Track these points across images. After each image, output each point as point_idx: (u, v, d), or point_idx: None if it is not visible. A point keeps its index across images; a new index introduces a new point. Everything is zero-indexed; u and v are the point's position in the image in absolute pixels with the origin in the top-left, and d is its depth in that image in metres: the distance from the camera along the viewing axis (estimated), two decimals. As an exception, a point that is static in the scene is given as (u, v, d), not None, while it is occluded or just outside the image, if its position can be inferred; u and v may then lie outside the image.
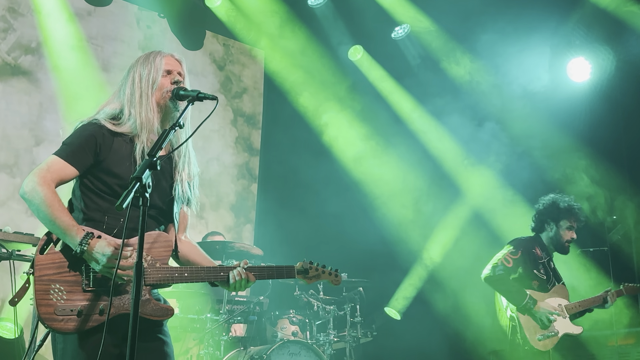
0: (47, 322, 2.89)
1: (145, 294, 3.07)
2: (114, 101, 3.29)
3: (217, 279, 3.25)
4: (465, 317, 7.50)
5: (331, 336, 6.70)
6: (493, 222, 7.92)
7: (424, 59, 8.74)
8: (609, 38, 7.37)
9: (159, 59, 3.31)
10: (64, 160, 3.06)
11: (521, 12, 7.53)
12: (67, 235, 2.94)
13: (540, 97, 7.87)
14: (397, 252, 8.33)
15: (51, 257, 2.97)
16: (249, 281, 3.27)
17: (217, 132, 9.32)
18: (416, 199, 8.53)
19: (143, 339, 2.98)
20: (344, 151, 9.10)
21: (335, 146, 9.14)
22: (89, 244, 2.93)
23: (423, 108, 8.79)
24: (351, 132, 9.10)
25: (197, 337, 6.47)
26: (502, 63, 7.90)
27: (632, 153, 7.38)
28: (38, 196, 2.96)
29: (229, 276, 3.24)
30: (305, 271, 3.49)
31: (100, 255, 2.93)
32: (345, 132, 9.13)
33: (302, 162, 8.94)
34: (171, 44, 8.72)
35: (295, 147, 9.12)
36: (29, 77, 7.76)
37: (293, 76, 9.41)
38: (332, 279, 3.61)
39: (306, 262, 3.51)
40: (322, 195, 8.55)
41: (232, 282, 3.23)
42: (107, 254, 2.92)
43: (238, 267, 3.28)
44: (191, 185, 3.36)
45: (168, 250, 3.18)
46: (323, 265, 3.58)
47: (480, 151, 8.27)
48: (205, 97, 3.09)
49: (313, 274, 3.51)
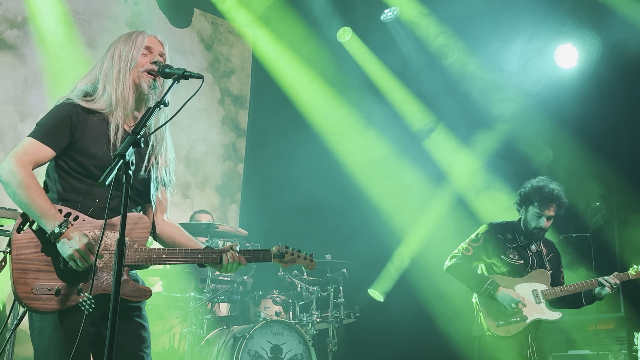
0: (25, 300, 2.87)
1: (124, 274, 3.06)
2: (87, 76, 3.25)
3: (194, 261, 3.25)
4: (448, 299, 7.54)
5: (314, 317, 6.74)
6: (476, 207, 7.96)
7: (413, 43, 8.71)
8: (595, 23, 7.38)
9: (141, 37, 3.26)
10: (39, 142, 3.03)
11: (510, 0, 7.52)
12: (44, 219, 2.91)
13: (527, 84, 7.88)
14: (381, 234, 8.36)
15: (29, 236, 2.95)
16: (239, 264, 3.30)
17: (203, 112, 9.29)
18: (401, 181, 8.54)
19: (121, 320, 2.99)
20: (330, 133, 9.09)
21: (322, 128, 9.13)
22: (63, 233, 2.90)
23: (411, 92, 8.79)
24: (338, 113, 9.09)
25: (180, 315, 6.48)
26: (489, 49, 7.90)
27: (617, 139, 7.40)
28: (15, 179, 2.93)
29: (222, 258, 3.26)
30: (281, 255, 3.53)
31: (67, 247, 2.89)
32: (332, 113, 9.12)
33: (289, 143, 8.94)
34: (159, 21, 8.66)
35: (282, 129, 9.11)
36: (15, 51, 7.69)
37: (281, 57, 9.37)
38: (307, 263, 3.67)
39: (282, 246, 3.56)
40: (308, 176, 8.55)
41: (224, 264, 3.25)
42: (75, 247, 2.88)
43: (228, 250, 3.30)
44: (167, 170, 3.34)
45: (146, 232, 3.17)
46: (298, 250, 3.64)
47: (466, 136, 8.29)
48: (190, 75, 3.05)
49: (289, 258, 3.56)
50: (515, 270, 5.55)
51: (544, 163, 7.44)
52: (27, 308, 2.90)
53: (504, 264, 5.55)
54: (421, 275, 8.02)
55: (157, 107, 2.91)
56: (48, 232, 2.91)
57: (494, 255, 5.58)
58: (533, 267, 5.59)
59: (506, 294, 5.34)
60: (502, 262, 5.56)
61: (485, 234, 5.62)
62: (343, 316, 6.96)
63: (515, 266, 5.55)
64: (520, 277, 5.53)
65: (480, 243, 5.57)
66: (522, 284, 5.51)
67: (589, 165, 7.23)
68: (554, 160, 7.40)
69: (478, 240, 5.59)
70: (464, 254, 5.54)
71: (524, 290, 5.48)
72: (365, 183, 8.71)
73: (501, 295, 5.34)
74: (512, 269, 5.54)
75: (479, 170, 8.13)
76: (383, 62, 9.06)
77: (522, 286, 5.50)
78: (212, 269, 3.47)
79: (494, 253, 5.58)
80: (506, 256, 5.56)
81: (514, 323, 5.33)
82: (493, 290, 5.35)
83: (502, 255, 5.57)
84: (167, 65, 3.20)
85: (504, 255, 5.57)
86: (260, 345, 6.06)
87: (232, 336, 6.16)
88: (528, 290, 5.50)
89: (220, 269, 3.29)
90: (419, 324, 7.76)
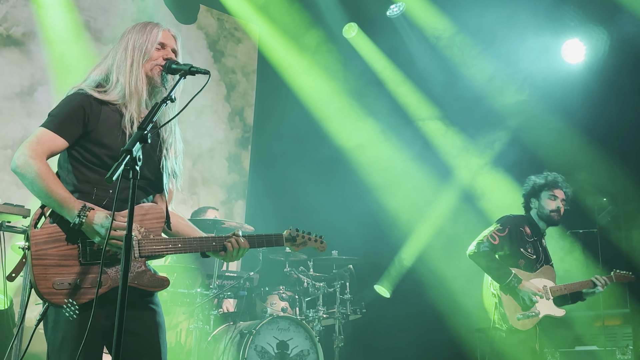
0: (47, 296, 2.86)
1: (141, 265, 3.06)
2: (100, 65, 3.24)
3: (209, 248, 3.26)
4: (454, 295, 7.55)
5: (320, 313, 6.74)
6: (483, 203, 7.95)
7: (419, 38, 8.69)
8: (603, 18, 7.34)
9: (156, 30, 3.26)
10: (52, 132, 3.01)
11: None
12: (65, 208, 2.91)
13: (534, 79, 7.86)
14: (388, 230, 8.35)
15: (46, 230, 2.94)
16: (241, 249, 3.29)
17: (209, 107, 9.29)
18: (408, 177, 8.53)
19: (135, 308, 3.00)
20: (337, 129, 9.09)
21: (329, 124, 9.12)
22: (87, 216, 2.90)
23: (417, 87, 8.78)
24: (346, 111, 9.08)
25: (186, 311, 6.49)
26: (496, 45, 7.87)
27: (624, 134, 7.38)
28: (31, 169, 2.92)
29: (224, 246, 3.27)
30: (292, 239, 3.56)
31: (99, 226, 2.90)
32: (340, 110, 9.11)
33: (296, 139, 8.94)
34: (164, 17, 8.66)
35: (288, 124, 9.10)
36: (21, 48, 7.70)
37: (287, 53, 9.36)
38: (318, 245, 3.69)
39: (293, 229, 3.59)
40: (315, 172, 8.56)
41: (229, 251, 3.26)
42: (106, 225, 2.90)
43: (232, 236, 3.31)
44: (177, 161, 3.35)
45: (160, 222, 3.17)
46: (309, 232, 3.66)
47: (473, 133, 8.28)
48: (197, 71, 3.04)
49: (300, 241, 3.59)
50: (530, 264, 5.61)
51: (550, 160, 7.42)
52: (49, 303, 2.90)
53: (521, 257, 5.59)
54: (427, 271, 8.02)
55: (164, 102, 2.91)
56: (71, 221, 2.90)
57: (515, 246, 5.59)
58: (541, 263, 5.67)
59: (529, 288, 5.40)
60: (520, 254, 5.59)
61: (510, 225, 5.64)
62: (349, 312, 6.95)
63: (530, 260, 5.62)
64: (532, 272, 5.60)
65: (505, 233, 5.58)
66: (534, 279, 5.57)
67: (596, 161, 7.21)
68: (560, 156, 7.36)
69: (504, 230, 5.59)
70: (491, 242, 5.51)
71: (536, 286, 5.53)
72: (374, 180, 8.70)
73: (524, 289, 5.38)
74: (527, 263, 5.60)
75: (485, 167, 8.11)
76: (388, 57, 9.05)
77: (535, 282, 5.56)
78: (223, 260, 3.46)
79: (517, 245, 5.60)
80: (525, 249, 5.62)
81: (530, 317, 5.39)
82: (517, 283, 5.37)
83: (522, 248, 5.61)
84: (174, 61, 3.19)
85: (523, 248, 5.61)
86: (266, 341, 6.07)
87: (238, 332, 6.17)
88: (540, 285, 5.57)
89: (225, 258, 3.30)
90: (425, 320, 7.76)
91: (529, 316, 5.38)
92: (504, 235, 5.57)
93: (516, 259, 5.58)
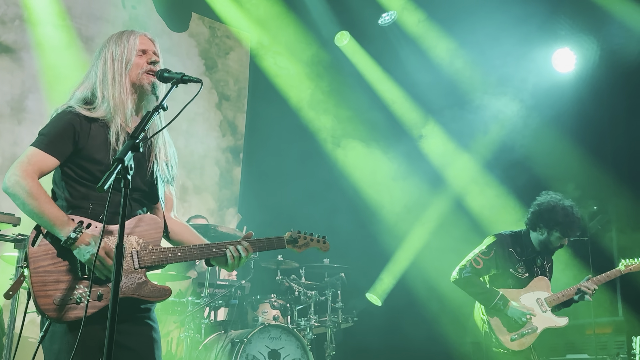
0: (47, 313, 2.84)
1: (142, 276, 3.05)
2: (84, 83, 3.22)
3: (210, 255, 3.24)
4: (446, 304, 7.54)
5: (312, 321, 6.73)
6: (475, 211, 7.96)
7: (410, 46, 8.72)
8: (593, 28, 7.39)
9: (133, 37, 3.23)
10: (43, 151, 3.00)
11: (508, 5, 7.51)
12: (56, 227, 2.89)
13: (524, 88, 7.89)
14: (380, 238, 8.35)
15: (44, 248, 2.93)
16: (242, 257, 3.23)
17: (201, 115, 9.28)
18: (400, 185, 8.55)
19: (131, 323, 3.01)
20: (329, 138, 9.10)
21: (321, 133, 9.13)
22: (78, 238, 2.88)
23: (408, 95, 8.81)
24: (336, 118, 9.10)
25: (177, 320, 6.47)
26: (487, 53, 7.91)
27: (614, 143, 7.41)
28: (22, 190, 2.90)
29: (226, 254, 3.23)
30: (294, 240, 3.52)
31: (85, 252, 2.88)
32: (330, 118, 9.12)
33: (287, 147, 8.94)
34: (156, 25, 8.65)
35: (280, 132, 9.10)
36: (12, 55, 7.68)
37: (279, 61, 9.37)
38: (321, 245, 3.65)
39: (294, 231, 3.55)
40: (306, 180, 8.55)
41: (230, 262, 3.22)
42: (93, 250, 2.87)
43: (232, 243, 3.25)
44: (169, 164, 3.32)
45: (159, 232, 3.15)
46: (311, 234, 3.62)
47: (465, 140, 8.30)
48: (189, 80, 3.02)
49: (302, 242, 3.55)
50: (519, 283, 5.46)
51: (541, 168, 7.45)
52: (50, 319, 2.88)
53: (510, 277, 5.44)
54: (419, 279, 8.02)
55: (156, 111, 2.90)
56: (62, 240, 2.89)
57: (503, 268, 5.42)
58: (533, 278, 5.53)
59: (516, 309, 5.25)
60: (509, 275, 5.44)
61: (496, 247, 5.45)
62: (341, 320, 6.94)
63: (521, 279, 5.47)
64: (522, 288, 5.44)
65: (491, 256, 5.40)
66: (525, 295, 5.42)
67: (586, 169, 7.23)
68: (552, 165, 7.39)
69: (489, 253, 5.41)
70: (474, 266, 5.35)
71: (528, 300, 5.40)
72: (365, 187, 8.71)
73: (511, 310, 5.23)
74: (516, 282, 5.45)
75: (477, 175, 8.13)
76: (380, 65, 9.08)
77: (526, 297, 5.41)
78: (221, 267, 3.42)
79: (504, 266, 5.43)
80: (515, 270, 5.44)
81: (526, 335, 5.26)
82: (503, 305, 5.23)
83: (510, 269, 5.44)
84: (166, 69, 3.16)
85: (512, 269, 5.44)
86: (258, 349, 6.04)
87: (229, 341, 6.14)
88: (532, 299, 5.42)
89: (227, 267, 3.25)
90: (416, 328, 7.75)
91: (525, 334, 5.24)
92: (488, 258, 5.38)
93: (505, 279, 5.43)
